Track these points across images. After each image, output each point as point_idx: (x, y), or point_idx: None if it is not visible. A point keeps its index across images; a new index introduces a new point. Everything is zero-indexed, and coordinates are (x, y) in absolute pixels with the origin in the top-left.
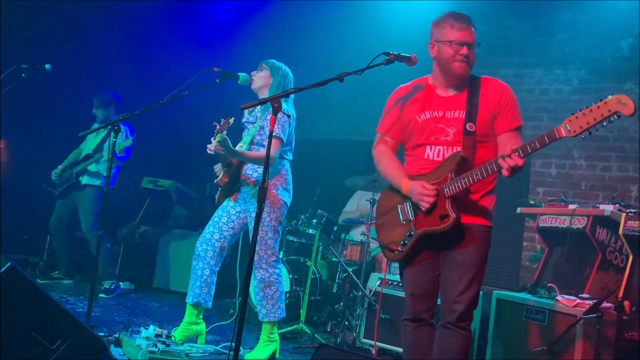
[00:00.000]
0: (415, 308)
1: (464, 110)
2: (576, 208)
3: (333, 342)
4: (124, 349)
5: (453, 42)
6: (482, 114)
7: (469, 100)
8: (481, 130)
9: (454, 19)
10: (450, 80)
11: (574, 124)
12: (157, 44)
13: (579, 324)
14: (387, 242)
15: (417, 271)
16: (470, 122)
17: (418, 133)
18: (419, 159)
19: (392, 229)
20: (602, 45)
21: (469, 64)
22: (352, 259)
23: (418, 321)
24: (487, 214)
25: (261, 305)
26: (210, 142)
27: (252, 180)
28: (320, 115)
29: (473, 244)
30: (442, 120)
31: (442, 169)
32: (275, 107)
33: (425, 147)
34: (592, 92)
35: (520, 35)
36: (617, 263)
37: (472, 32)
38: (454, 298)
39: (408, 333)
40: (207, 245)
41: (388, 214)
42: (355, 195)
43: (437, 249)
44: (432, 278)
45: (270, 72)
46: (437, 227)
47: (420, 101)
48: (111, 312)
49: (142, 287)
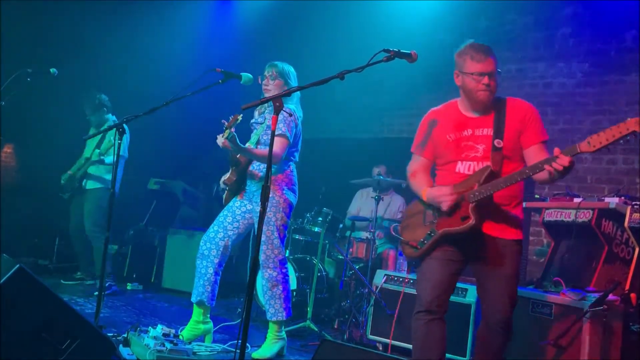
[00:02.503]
0: (431, 300)
1: (492, 129)
2: (581, 201)
3: (340, 340)
4: (133, 348)
5: (474, 73)
6: (509, 131)
7: (496, 119)
8: (508, 146)
9: (474, 51)
10: (476, 105)
11: (595, 140)
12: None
13: (585, 317)
14: (408, 240)
15: (439, 268)
16: (498, 139)
17: (449, 151)
18: (451, 173)
19: (414, 229)
20: (605, 37)
21: (492, 91)
22: (358, 256)
23: (432, 314)
24: (519, 226)
25: (269, 304)
26: (217, 138)
27: (259, 176)
28: (325, 113)
29: (510, 258)
30: (472, 138)
31: (471, 180)
32: (277, 106)
33: (457, 162)
34: (595, 85)
35: (523, 29)
36: (623, 256)
37: (492, 61)
38: (501, 308)
39: (420, 327)
40: (211, 244)
41: (413, 217)
42: (356, 195)
43: (466, 256)
44: (451, 277)
45: (282, 79)
46: (457, 227)
47: (450, 122)
48: (120, 312)
49: (151, 288)
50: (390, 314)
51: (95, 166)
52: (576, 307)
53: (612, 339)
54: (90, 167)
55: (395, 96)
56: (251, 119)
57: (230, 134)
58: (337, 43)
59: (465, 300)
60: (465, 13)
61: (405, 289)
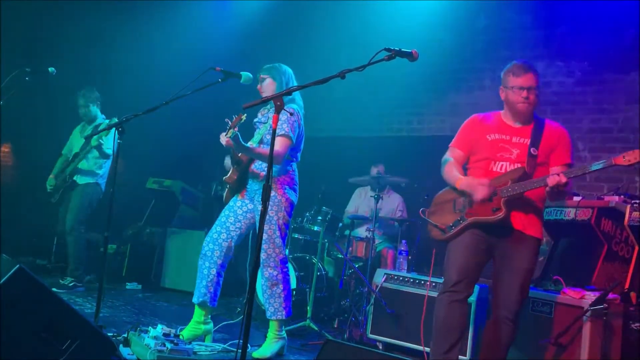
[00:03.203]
0: (456, 281)
1: (529, 139)
2: (581, 200)
3: (341, 339)
4: (133, 348)
5: (515, 87)
6: (544, 144)
7: (534, 131)
8: (541, 157)
9: (515, 68)
10: (517, 116)
11: (630, 156)
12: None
13: (585, 315)
14: (436, 223)
15: (465, 252)
16: (534, 148)
17: (486, 149)
18: (484, 171)
19: (443, 215)
20: (604, 36)
21: (531, 103)
22: (358, 255)
23: (455, 294)
24: (541, 226)
25: (269, 303)
26: (221, 136)
27: (261, 175)
28: (324, 112)
29: (529, 253)
30: (508, 143)
31: (505, 177)
32: (278, 106)
33: (491, 161)
34: (595, 84)
35: (521, 28)
36: (622, 254)
37: (531, 76)
38: (513, 299)
39: (443, 307)
40: (214, 245)
41: (443, 204)
42: (355, 193)
43: (492, 248)
44: (477, 264)
45: (271, 77)
46: (488, 216)
47: (491, 125)
48: (119, 312)
49: (149, 287)
50: (391, 313)
51: (86, 160)
52: (576, 305)
53: (612, 337)
54: (82, 162)
55: (394, 95)
56: (254, 117)
57: (233, 133)
58: (336, 42)
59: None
60: (464, 12)
61: (405, 288)
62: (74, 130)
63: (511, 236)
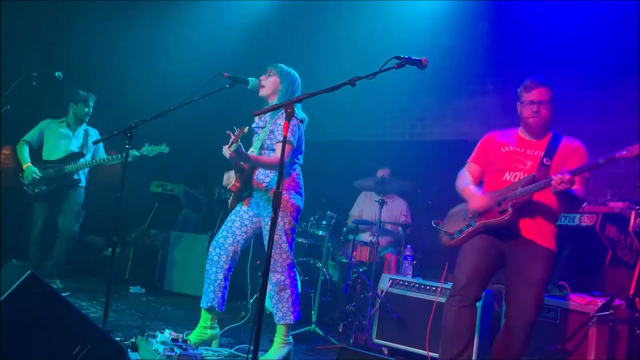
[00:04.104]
0: (465, 286)
1: (543, 152)
2: (585, 205)
3: (346, 343)
4: (141, 353)
5: (525, 101)
6: (559, 156)
7: (549, 145)
8: (554, 167)
9: (528, 82)
10: (529, 130)
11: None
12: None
13: (591, 321)
14: (446, 229)
15: (476, 257)
16: (547, 158)
17: (501, 160)
18: (499, 181)
19: (454, 223)
20: (607, 40)
21: (542, 117)
22: (362, 259)
23: (464, 299)
24: (554, 238)
25: (276, 308)
26: (224, 148)
27: (264, 185)
28: (328, 116)
29: (542, 264)
30: (523, 155)
31: (515, 185)
32: (289, 113)
33: (505, 172)
34: (597, 88)
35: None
36: (627, 260)
37: (542, 90)
38: (527, 311)
39: (451, 312)
40: (221, 250)
41: (456, 214)
42: (359, 197)
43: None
44: (488, 268)
45: (280, 77)
46: (495, 219)
47: (507, 139)
48: (124, 316)
49: (153, 291)
50: (397, 318)
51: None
52: (582, 311)
53: (618, 343)
54: (82, 164)
55: (398, 99)
56: (251, 123)
57: (236, 146)
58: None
59: None
60: (467, 16)
61: (410, 293)
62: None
63: (523, 246)
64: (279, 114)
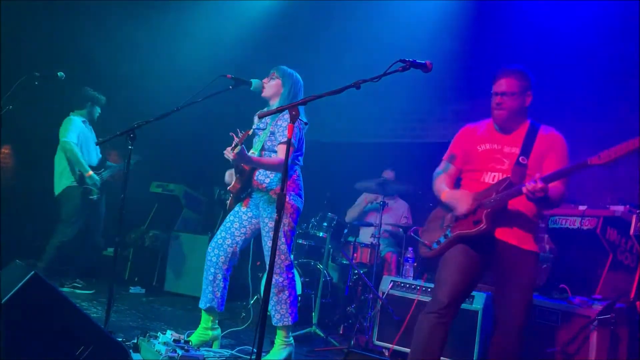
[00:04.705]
0: (447, 304)
1: (520, 148)
2: (586, 209)
3: (346, 345)
4: (143, 354)
5: (492, 93)
6: (535, 153)
7: (525, 139)
8: (532, 165)
9: (497, 72)
10: (495, 122)
11: (605, 154)
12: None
13: (592, 324)
14: (424, 240)
15: (456, 273)
16: (523, 156)
17: (478, 160)
18: (477, 182)
19: (432, 232)
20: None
21: (503, 109)
22: (362, 261)
23: (442, 317)
24: (536, 239)
25: (275, 309)
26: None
27: (263, 186)
28: (329, 118)
29: (528, 268)
30: (500, 153)
31: (490, 189)
32: (294, 115)
33: (483, 172)
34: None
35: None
36: (627, 263)
37: (505, 81)
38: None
39: (426, 327)
40: (219, 251)
41: (434, 221)
42: (360, 198)
43: (485, 264)
44: (470, 284)
45: (282, 80)
46: (469, 230)
47: (482, 136)
48: (125, 316)
49: (153, 291)
50: (398, 320)
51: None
52: (583, 314)
53: (619, 347)
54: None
55: (399, 101)
56: (252, 124)
57: (239, 148)
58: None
59: (473, 307)
60: (470, 19)
61: (411, 295)
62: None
63: (507, 251)
64: (280, 115)
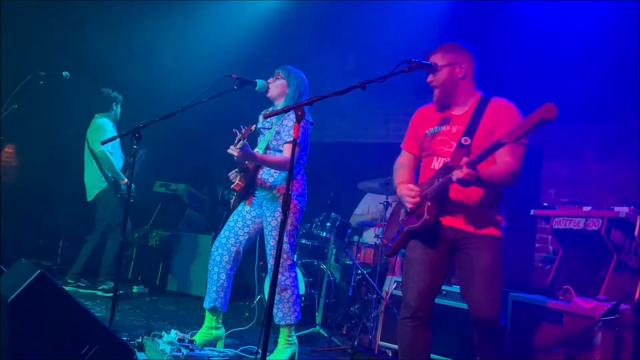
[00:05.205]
0: (417, 307)
1: (464, 126)
2: (591, 210)
3: (350, 345)
4: (147, 353)
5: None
6: (481, 130)
7: (472, 117)
8: (479, 144)
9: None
10: (435, 102)
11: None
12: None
13: (597, 326)
14: (384, 238)
15: (423, 273)
16: (467, 137)
17: (428, 145)
18: (427, 169)
19: (391, 228)
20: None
21: (435, 86)
22: (366, 261)
23: (417, 319)
24: (494, 222)
25: (277, 308)
26: (230, 147)
27: (268, 185)
28: (332, 118)
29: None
30: (447, 134)
31: (434, 178)
32: (299, 115)
33: (433, 157)
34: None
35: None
36: (632, 265)
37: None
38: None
39: (407, 332)
40: (223, 250)
41: (395, 215)
42: (365, 197)
43: (447, 256)
44: (436, 282)
45: (287, 80)
46: (415, 224)
47: (433, 118)
48: (128, 316)
49: (156, 291)
50: None
51: None
52: (588, 315)
53: (624, 348)
54: None
55: (401, 101)
56: (257, 123)
57: (242, 144)
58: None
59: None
60: (466, 17)
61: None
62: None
63: (464, 239)
64: (286, 115)
